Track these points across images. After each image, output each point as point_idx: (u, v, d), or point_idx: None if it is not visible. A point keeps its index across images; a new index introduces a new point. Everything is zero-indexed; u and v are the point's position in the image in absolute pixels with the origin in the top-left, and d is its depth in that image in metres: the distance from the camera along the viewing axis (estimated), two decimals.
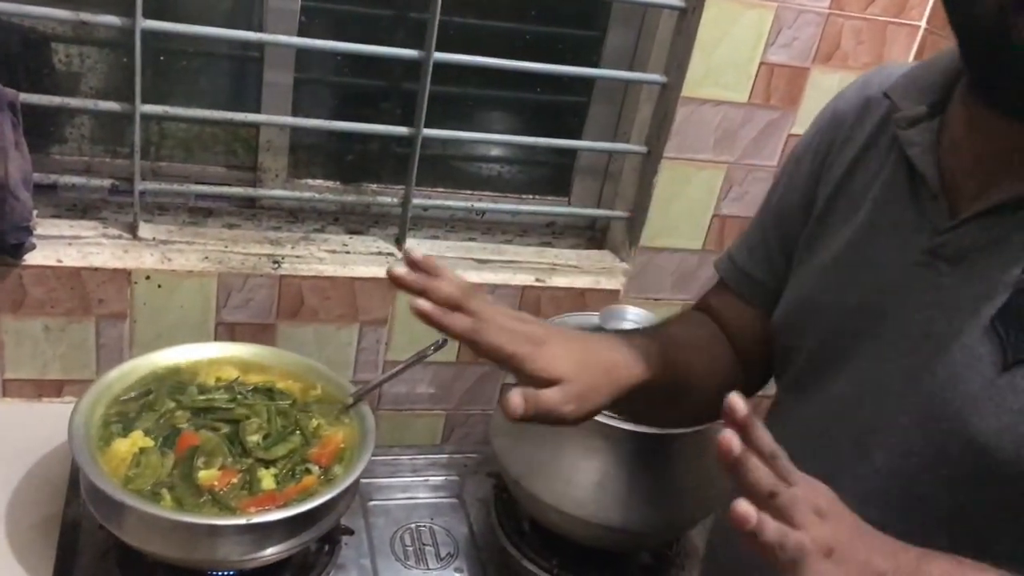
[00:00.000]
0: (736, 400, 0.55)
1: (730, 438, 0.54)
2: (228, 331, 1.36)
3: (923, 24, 1.41)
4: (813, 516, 0.55)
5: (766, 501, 0.54)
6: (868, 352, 0.77)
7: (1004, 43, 0.61)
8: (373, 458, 1.39)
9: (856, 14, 1.38)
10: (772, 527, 0.52)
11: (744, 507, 0.51)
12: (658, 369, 0.82)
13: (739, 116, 1.42)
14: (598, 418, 1.13)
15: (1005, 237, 0.68)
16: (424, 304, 0.72)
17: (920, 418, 0.71)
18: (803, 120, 1.43)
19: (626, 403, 0.81)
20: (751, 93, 1.41)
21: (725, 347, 0.95)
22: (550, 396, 0.73)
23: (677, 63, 1.40)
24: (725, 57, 1.38)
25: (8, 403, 1.32)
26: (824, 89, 1.40)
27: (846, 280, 0.80)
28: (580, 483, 1.18)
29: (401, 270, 0.75)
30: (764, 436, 0.56)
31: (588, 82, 1.52)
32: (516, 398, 0.71)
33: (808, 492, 0.56)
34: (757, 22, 1.36)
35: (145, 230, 1.33)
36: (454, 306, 0.74)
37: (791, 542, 0.53)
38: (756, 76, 1.40)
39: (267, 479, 1.08)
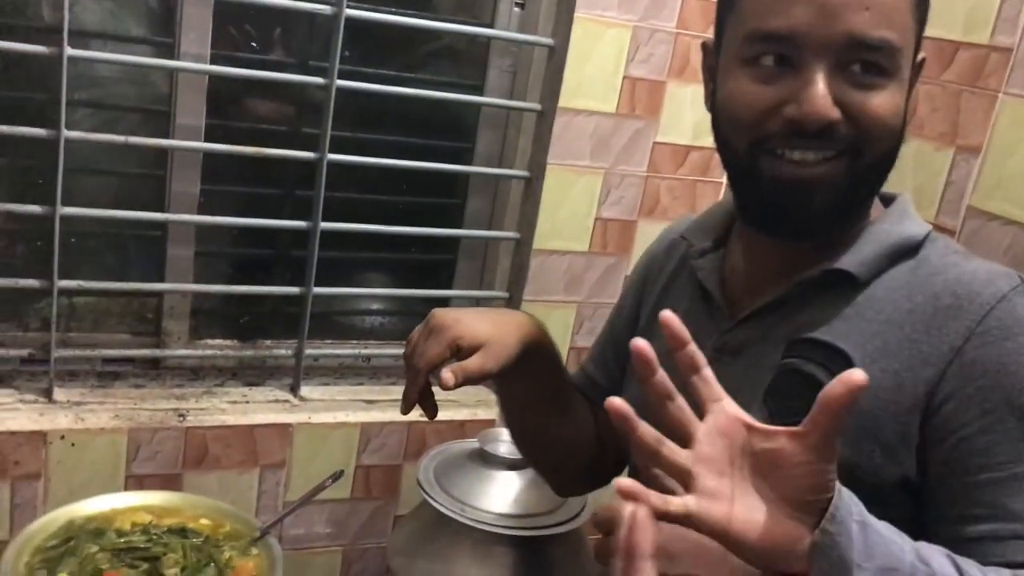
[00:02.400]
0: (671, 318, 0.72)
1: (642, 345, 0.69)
2: (137, 483, 1.47)
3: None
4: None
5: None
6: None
7: (755, 176, 0.84)
8: None
9: (669, 175, 1.70)
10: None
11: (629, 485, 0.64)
12: (557, 356, 1.02)
13: (582, 262, 1.68)
14: (485, 527, 1.31)
15: (770, 331, 0.89)
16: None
17: None
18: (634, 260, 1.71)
19: (531, 371, 0.98)
20: (590, 243, 1.68)
21: (588, 419, 1.12)
22: (472, 362, 0.90)
23: (527, 221, 1.66)
24: (567, 214, 1.65)
25: None
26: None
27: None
28: None
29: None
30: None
31: (454, 242, 1.76)
32: (446, 373, 0.88)
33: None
34: (590, 186, 1.65)
35: (59, 394, 1.45)
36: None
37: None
38: (593, 229, 1.68)
39: None
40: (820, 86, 0.77)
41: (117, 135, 1.40)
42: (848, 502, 0.65)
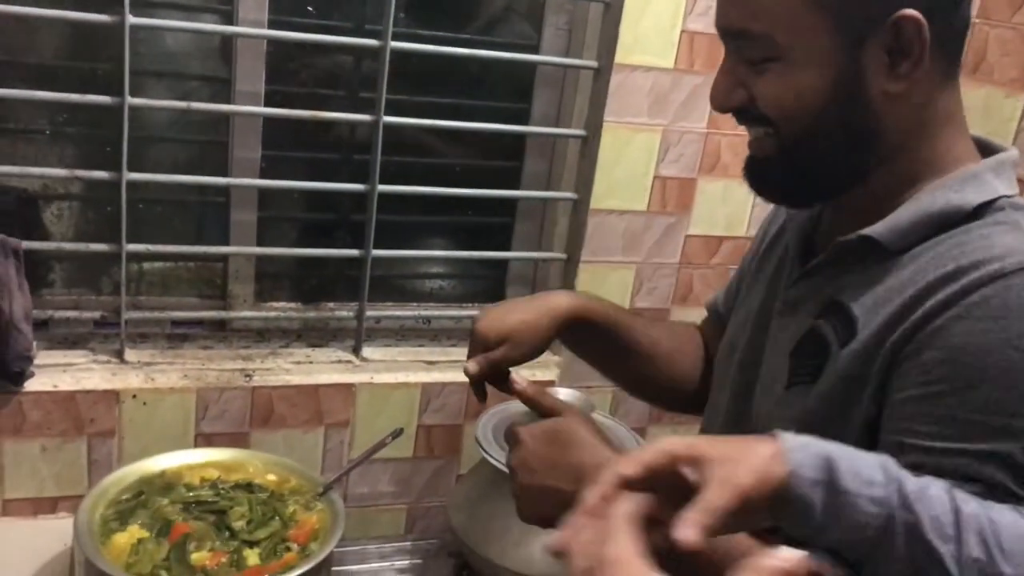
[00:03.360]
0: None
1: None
2: (206, 441, 1.52)
3: None
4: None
5: None
6: (726, 375, 1.00)
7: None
8: (343, 549, 1.54)
9: (731, 131, 1.66)
10: None
11: None
12: (608, 319, 1.10)
13: (641, 222, 1.67)
14: None
15: (816, 291, 0.89)
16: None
17: (745, 427, 0.93)
18: (695, 222, 1.69)
19: (575, 342, 1.14)
20: (649, 202, 1.66)
21: (698, 350, 1.18)
22: (494, 353, 1.02)
23: (584, 181, 1.65)
24: (625, 173, 1.63)
25: (7, 522, 1.44)
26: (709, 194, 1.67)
27: (737, 320, 1.05)
28: (529, 544, 1.34)
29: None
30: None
31: (512, 204, 1.76)
32: (471, 365, 1.02)
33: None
34: (648, 144, 1.63)
35: (130, 355, 1.50)
36: None
37: None
38: (652, 188, 1.66)
39: (252, 557, 1.22)
40: (716, 76, 0.85)
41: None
42: (803, 474, 0.64)
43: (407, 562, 1.57)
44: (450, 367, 1.67)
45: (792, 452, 0.64)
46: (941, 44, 0.78)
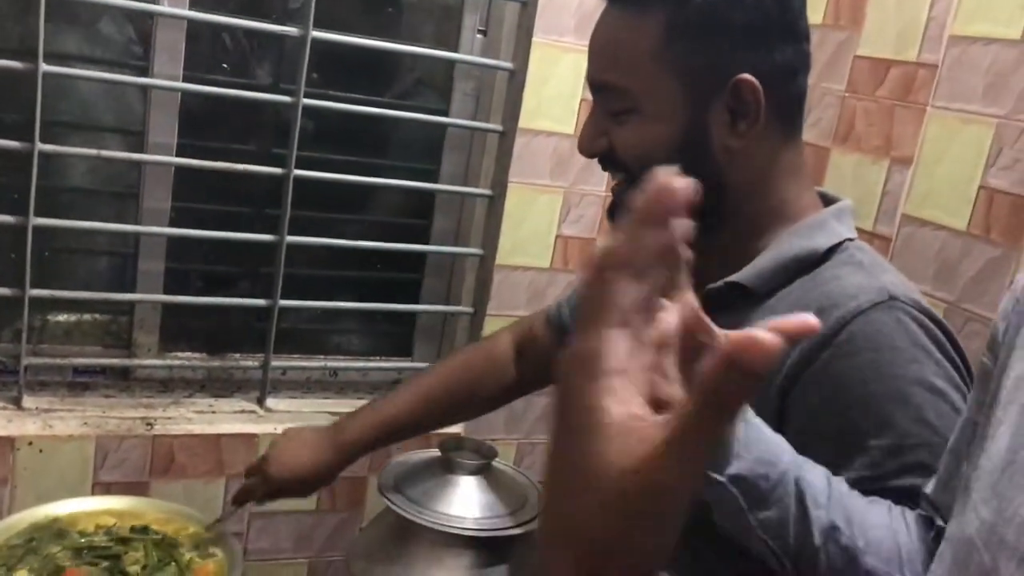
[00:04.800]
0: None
1: None
2: (104, 490, 1.49)
3: None
4: None
5: None
6: None
7: None
8: None
9: None
10: None
11: None
12: (390, 433, 1.31)
13: (545, 278, 1.74)
14: (444, 528, 1.34)
15: None
16: None
17: None
18: None
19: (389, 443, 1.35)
20: (552, 259, 1.73)
21: (499, 370, 1.31)
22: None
23: (491, 238, 1.71)
24: (529, 231, 1.71)
25: None
26: None
27: None
28: None
29: None
30: None
31: (421, 260, 1.81)
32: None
33: None
34: (551, 204, 1.71)
35: (28, 402, 1.49)
36: None
37: None
38: (555, 246, 1.73)
39: None
40: (584, 124, 0.93)
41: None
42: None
43: None
44: None
45: None
46: (778, 107, 0.88)
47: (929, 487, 0.74)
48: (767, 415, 0.82)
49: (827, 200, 0.94)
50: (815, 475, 0.72)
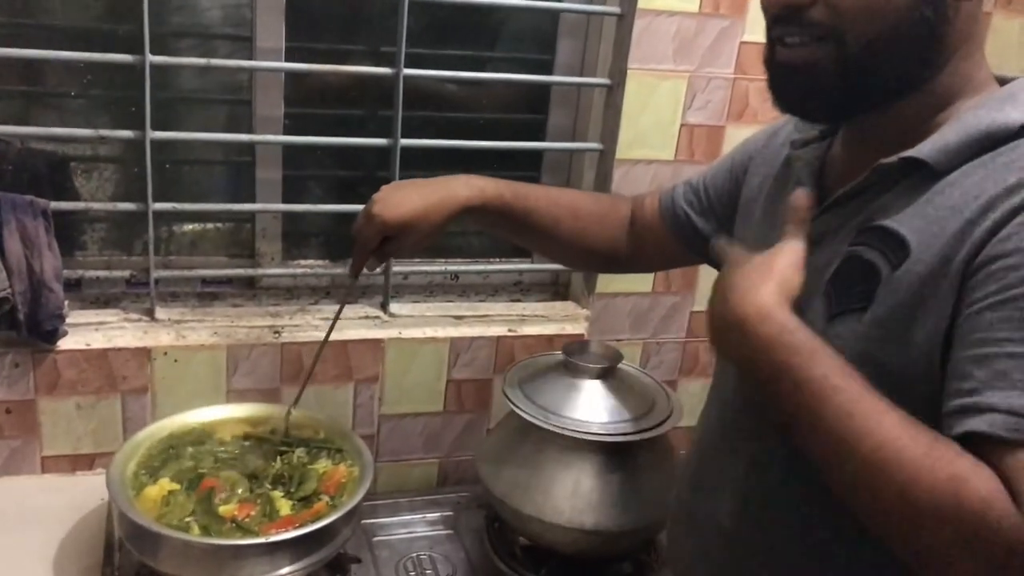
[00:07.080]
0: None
1: None
2: (238, 397, 1.53)
3: None
4: None
5: None
6: None
7: (767, 61, 0.87)
8: (376, 501, 1.55)
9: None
10: None
11: None
12: (504, 206, 1.21)
13: (668, 171, 1.64)
14: (569, 432, 1.32)
15: (847, 220, 0.88)
16: None
17: None
18: None
19: (476, 224, 1.29)
20: (676, 150, 1.63)
21: (619, 220, 1.28)
22: (389, 250, 1.19)
23: (610, 131, 1.62)
24: (651, 121, 1.61)
25: (46, 478, 1.47)
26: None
27: None
28: (557, 494, 1.34)
29: None
30: None
31: (538, 157, 1.74)
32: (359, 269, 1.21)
33: None
34: (674, 91, 1.60)
35: (161, 313, 1.52)
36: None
37: None
38: (679, 136, 1.63)
39: (284, 507, 1.24)
40: None
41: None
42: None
43: (438, 515, 1.58)
44: (479, 322, 1.67)
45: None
46: None
47: None
48: (930, 308, 0.77)
49: (1001, 81, 0.85)
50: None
